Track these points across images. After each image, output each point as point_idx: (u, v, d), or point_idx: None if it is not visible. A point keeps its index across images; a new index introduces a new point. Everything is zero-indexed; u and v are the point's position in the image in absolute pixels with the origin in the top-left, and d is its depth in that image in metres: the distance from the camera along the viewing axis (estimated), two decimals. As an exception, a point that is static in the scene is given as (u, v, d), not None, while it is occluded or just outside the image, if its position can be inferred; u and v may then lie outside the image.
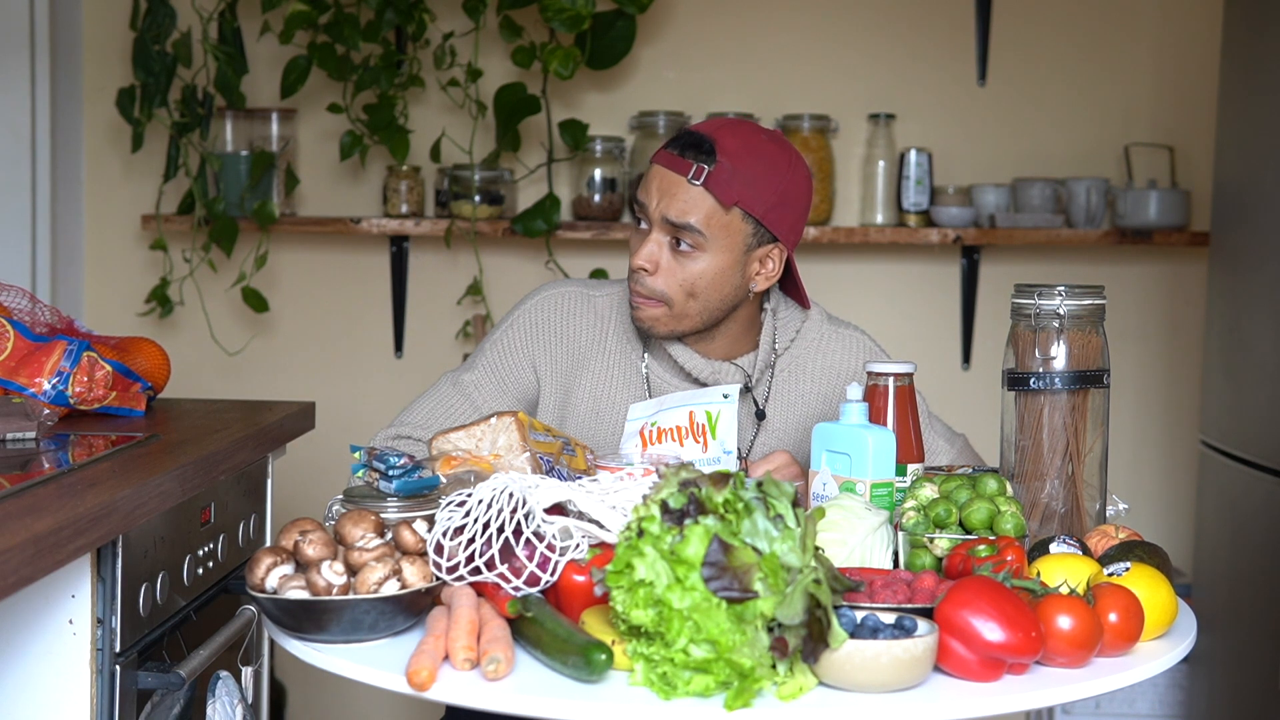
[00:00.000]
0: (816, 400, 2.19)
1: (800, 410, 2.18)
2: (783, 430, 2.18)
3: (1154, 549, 1.73)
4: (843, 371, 2.20)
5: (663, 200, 2.06)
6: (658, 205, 2.06)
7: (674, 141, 2.09)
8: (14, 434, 2.01)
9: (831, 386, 2.19)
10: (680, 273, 2.07)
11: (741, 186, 2.05)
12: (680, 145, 2.07)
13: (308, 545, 1.57)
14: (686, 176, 2.04)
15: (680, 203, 2.05)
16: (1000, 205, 3.56)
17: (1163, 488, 3.67)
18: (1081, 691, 1.51)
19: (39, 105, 3.44)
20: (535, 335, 2.20)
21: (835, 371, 2.20)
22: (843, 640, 1.41)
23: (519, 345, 2.20)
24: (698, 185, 2.04)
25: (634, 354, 2.19)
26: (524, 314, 2.22)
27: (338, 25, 3.42)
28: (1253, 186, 3.05)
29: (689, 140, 2.07)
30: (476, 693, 1.43)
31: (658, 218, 2.06)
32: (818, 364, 2.20)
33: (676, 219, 2.05)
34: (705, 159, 2.04)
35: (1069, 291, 1.89)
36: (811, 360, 2.20)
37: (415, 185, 3.57)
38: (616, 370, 2.19)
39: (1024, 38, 3.64)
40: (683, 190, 2.05)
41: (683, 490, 1.45)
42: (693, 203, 2.05)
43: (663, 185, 2.06)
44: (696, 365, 2.14)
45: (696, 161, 2.04)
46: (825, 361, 2.20)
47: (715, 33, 3.64)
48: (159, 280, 3.58)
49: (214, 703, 2.02)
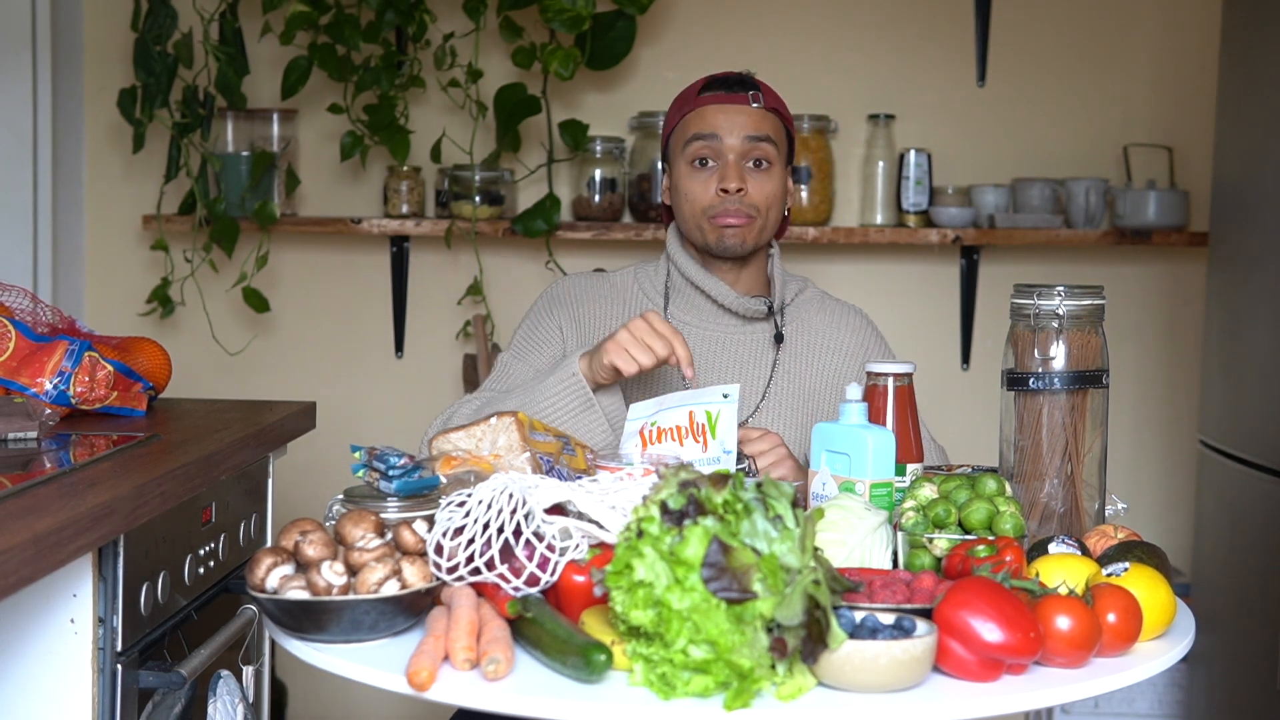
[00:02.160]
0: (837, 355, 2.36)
1: (818, 360, 2.36)
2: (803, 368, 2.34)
3: (1153, 549, 1.74)
4: (857, 331, 2.39)
5: (734, 125, 2.27)
6: (732, 131, 2.27)
7: (712, 85, 2.31)
8: (15, 434, 2.02)
9: (853, 344, 2.37)
10: (763, 187, 2.29)
11: (781, 105, 2.34)
12: (726, 84, 2.31)
13: (308, 545, 1.57)
14: (748, 103, 2.29)
15: (754, 121, 2.28)
16: (1000, 205, 3.56)
17: (1161, 488, 3.67)
18: (1080, 692, 1.51)
19: (40, 105, 3.44)
20: (558, 308, 2.37)
21: (852, 331, 2.39)
22: (842, 641, 1.42)
23: (545, 319, 2.36)
24: (758, 107, 2.29)
25: (656, 309, 2.35)
26: (546, 295, 2.41)
27: (338, 26, 3.43)
28: (1252, 186, 3.05)
29: (731, 79, 2.31)
30: (476, 693, 1.43)
31: (736, 142, 2.27)
32: (831, 321, 2.39)
33: (756, 133, 2.28)
34: (753, 87, 2.31)
35: (1068, 292, 1.89)
36: (816, 315, 2.39)
37: (416, 185, 3.58)
38: None
39: (1024, 38, 3.64)
40: (748, 112, 2.28)
41: (682, 491, 1.45)
42: (762, 120, 2.29)
43: (729, 116, 2.28)
44: (725, 294, 2.32)
45: (748, 90, 2.30)
46: (840, 322, 2.39)
47: (715, 33, 3.65)
48: (160, 280, 3.58)
49: (215, 702, 2.02)
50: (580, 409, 2.13)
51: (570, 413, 2.13)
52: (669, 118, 2.35)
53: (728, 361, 2.31)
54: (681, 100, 2.34)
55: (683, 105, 2.32)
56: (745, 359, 2.32)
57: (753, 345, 2.33)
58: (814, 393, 2.33)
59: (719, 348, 2.32)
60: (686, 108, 2.31)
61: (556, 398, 2.13)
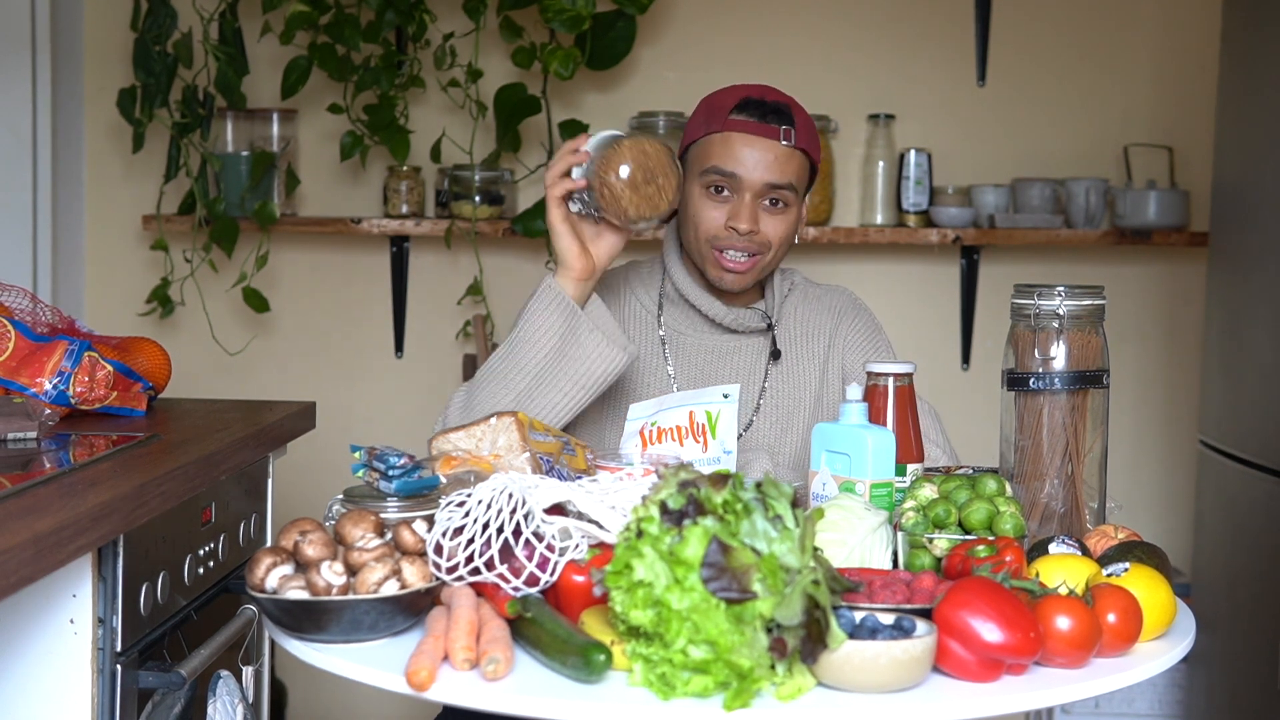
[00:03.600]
0: (819, 338, 2.35)
1: (805, 349, 2.34)
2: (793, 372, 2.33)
3: (1153, 549, 1.74)
4: (835, 309, 2.37)
5: (758, 166, 2.19)
6: (753, 171, 2.19)
7: (745, 108, 2.21)
8: (15, 434, 2.02)
9: (830, 323, 2.36)
10: (775, 229, 2.22)
11: (811, 140, 2.24)
12: (760, 112, 2.20)
13: (308, 545, 1.57)
14: (778, 139, 2.19)
15: (779, 165, 2.19)
16: (1000, 205, 3.56)
17: (1162, 488, 3.67)
18: (1080, 692, 1.51)
19: (40, 105, 3.44)
20: None
21: (830, 312, 2.37)
22: (841, 641, 1.42)
23: None
24: (788, 145, 2.20)
25: (649, 315, 2.32)
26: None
27: (338, 26, 3.43)
28: (1252, 186, 3.05)
29: (768, 107, 2.21)
30: (476, 693, 1.43)
31: (755, 183, 2.19)
32: (812, 309, 2.37)
33: (778, 180, 2.20)
34: (788, 121, 2.20)
35: (1068, 292, 1.89)
36: (801, 308, 2.37)
37: (415, 185, 3.58)
38: (637, 332, 2.32)
39: (1024, 38, 3.64)
40: (773, 152, 2.19)
41: (682, 491, 1.45)
42: (787, 163, 2.20)
43: (753, 152, 2.19)
44: (719, 312, 2.28)
45: (782, 124, 2.20)
46: (819, 306, 2.37)
47: (715, 33, 3.65)
48: (160, 280, 3.58)
49: (214, 702, 2.02)
50: (565, 320, 2.10)
51: (556, 332, 2.10)
52: (694, 122, 2.26)
53: (723, 372, 2.30)
54: (710, 110, 2.24)
55: (710, 118, 2.23)
56: (740, 369, 2.31)
57: (747, 355, 2.32)
58: (805, 387, 2.32)
59: (714, 357, 2.31)
60: (714, 125, 2.21)
61: (539, 316, 2.11)
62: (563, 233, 2.12)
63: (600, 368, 2.11)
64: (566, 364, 2.11)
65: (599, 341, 2.11)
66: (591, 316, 2.14)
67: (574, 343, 2.11)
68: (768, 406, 2.30)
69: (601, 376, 2.12)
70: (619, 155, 2.07)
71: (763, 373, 2.32)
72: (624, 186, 2.07)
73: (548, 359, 2.10)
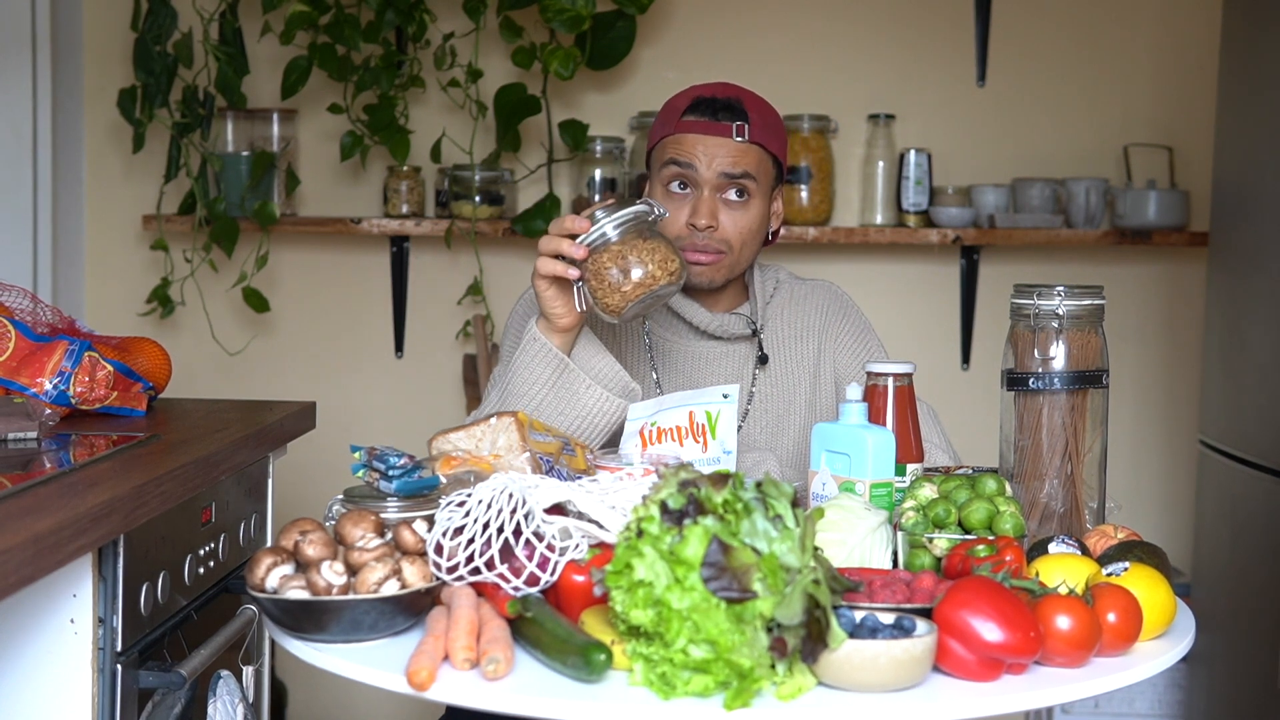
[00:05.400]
0: (808, 340, 2.34)
1: (794, 351, 2.33)
2: (783, 374, 2.32)
3: (1153, 549, 1.74)
4: (822, 309, 2.36)
5: (714, 159, 2.19)
6: (709, 165, 2.19)
7: (697, 108, 2.22)
8: (15, 434, 2.02)
9: (819, 323, 2.34)
10: (736, 223, 2.22)
11: (769, 134, 2.24)
12: (712, 110, 2.21)
13: (308, 545, 1.57)
14: (730, 136, 2.20)
15: (733, 156, 2.19)
16: (1000, 205, 3.56)
17: (1162, 488, 3.67)
18: (1080, 691, 1.51)
19: (40, 105, 3.44)
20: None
21: (817, 312, 2.36)
22: (841, 640, 1.42)
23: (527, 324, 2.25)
24: (742, 140, 2.20)
25: (634, 322, 2.31)
26: (524, 301, 2.34)
27: (338, 26, 3.43)
28: (1252, 186, 3.05)
29: (719, 104, 2.21)
30: (476, 693, 1.43)
31: (711, 176, 2.19)
32: (798, 309, 2.36)
33: (733, 170, 2.19)
34: (740, 117, 2.21)
35: (1068, 292, 1.89)
36: (788, 308, 2.35)
37: (415, 185, 3.58)
38: (622, 340, 2.31)
39: (1024, 38, 3.64)
40: (729, 146, 2.20)
41: (682, 491, 1.45)
42: (741, 155, 2.20)
43: (708, 147, 2.20)
44: (704, 319, 2.28)
45: (733, 120, 2.20)
46: (806, 306, 2.36)
47: (715, 33, 3.65)
48: (160, 280, 3.58)
49: (215, 702, 2.02)
50: (555, 375, 2.05)
51: (547, 385, 2.05)
52: (654, 128, 2.27)
53: (710, 379, 2.29)
54: (666, 114, 2.25)
55: (666, 121, 2.24)
56: (727, 374, 2.30)
57: (734, 360, 2.30)
58: (796, 390, 2.31)
59: (700, 364, 2.30)
60: (668, 128, 2.22)
61: (527, 370, 2.06)
62: (550, 296, 2.04)
63: (602, 421, 2.08)
64: (563, 418, 2.07)
65: (597, 396, 2.07)
66: (583, 363, 2.08)
67: (569, 398, 2.07)
68: (757, 411, 2.29)
69: (604, 426, 2.08)
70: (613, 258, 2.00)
71: (750, 378, 2.31)
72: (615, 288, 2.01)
73: (541, 411, 2.06)
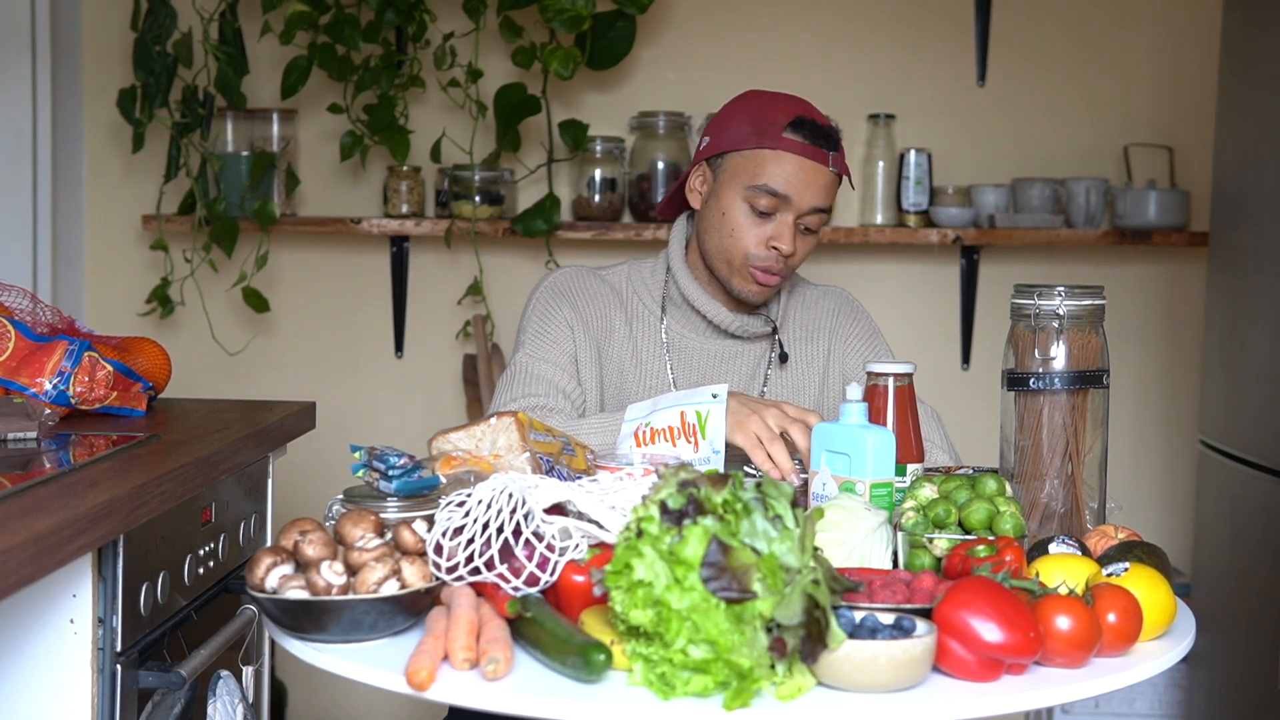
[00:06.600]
0: (819, 341, 2.38)
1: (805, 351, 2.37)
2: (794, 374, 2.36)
3: (1153, 549, 1.74)
4: (832, 312, 2.40)
5: (808, 190, 2.21)
6: (803, 195, 2.21)
7: (800, 128, 2.21)
8: (15, 434, 2.02)
9: (829, 325, 2.39)
10: (805, 248, 2.27)
11: (846, 167, 2.27)
12: (812, 135, 2.22)
13: (308, 545, 1.57)
14: (827, 165, 2.22)
15: (826, 190, 2.23)
16: (1000, 205, 3.56)
17: (1162, 488, 3.67)
18: (1080, 692, 1.51)
19: (40, 105, 3.44)
20: (563, 302, 2.32)
21: (828, 315, 2.40)
22: (841, 641, 1.42)
23: (553, 312, 2.32)
24: (833, 170, 2.23)
25: (652, 318, 2.34)
26: (546, 289, 2.36)
27: (338, 26, 3.43)
28: (1252, 187, 3.05)
29: (819, 131, 2.23)
30: (476, 693, 1.43)
31: (804, 206, 2.21)
32: (811, 311, 2.40)
33: (823, 204, 2.23)
34: (834, 146, 2.24)
35: (1068, 292, 1.89)
36: (805, 310, 2.40)
37: (415, 185, 3.58)
38: (639, 335, 2.34)
39: (1024, 38, 3.64)
40: (823, 178, 2.22)
41: (682, 491, 1.45)
42: (831, 187, 2.24)
43: (805, 176, 2.21)
44: (725, 319, 2.31)
45: (830, 149, 2.23)
46: (818, 309, 2.40)
47: (715, 33, 3.65)
48: (160, 280, 3.58)
49: (214, 702, 2.02)
50: None
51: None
52: (738, 129, 2.23)
53: (724, 377, 2.32)
54: (762, 124, 2.21)
55: (763, 133, 2.20)
56: (742, 373, 2.33)
57: (749, 359, 2.34)
58: (805, 390, 2.35)
59: (716, 362, 2.33)
60: (767, 141, 2.20)
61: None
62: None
63: None
64: None
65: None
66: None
67: None
68: None
69: None
70: None
71: (763, 377, 2.34)
72: None
73: None
